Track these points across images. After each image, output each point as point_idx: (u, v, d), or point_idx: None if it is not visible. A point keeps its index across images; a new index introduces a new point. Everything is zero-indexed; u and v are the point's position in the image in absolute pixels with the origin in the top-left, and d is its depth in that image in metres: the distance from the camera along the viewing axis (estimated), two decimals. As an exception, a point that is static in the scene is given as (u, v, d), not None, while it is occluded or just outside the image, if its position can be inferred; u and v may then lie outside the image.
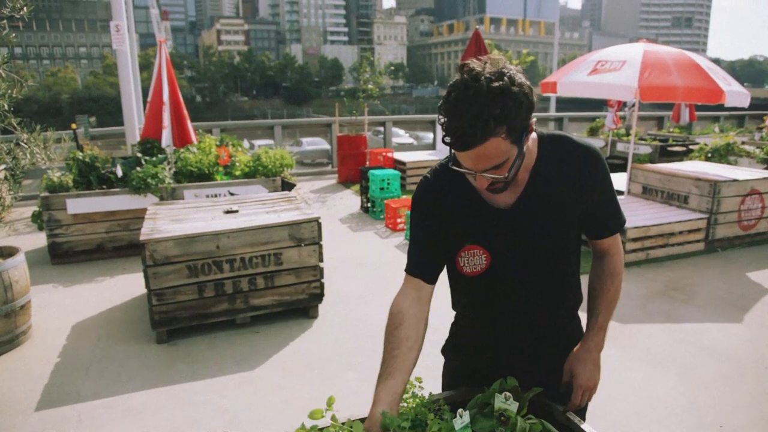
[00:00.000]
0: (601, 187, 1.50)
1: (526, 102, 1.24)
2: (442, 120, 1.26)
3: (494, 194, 1.43)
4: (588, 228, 1.57)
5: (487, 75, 1.22)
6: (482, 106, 1.19)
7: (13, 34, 3.73)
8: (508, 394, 1.40)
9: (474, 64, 1.26)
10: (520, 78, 1.25)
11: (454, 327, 1.74)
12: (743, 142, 9.31)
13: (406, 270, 1.57)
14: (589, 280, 1.62)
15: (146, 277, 3.91)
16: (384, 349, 1.50)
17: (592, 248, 1.63)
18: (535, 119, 1.32)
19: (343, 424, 1.38)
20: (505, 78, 1.22)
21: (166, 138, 6.81)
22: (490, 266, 1.49)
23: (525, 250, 1.48)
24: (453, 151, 1.32)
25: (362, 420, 1.39)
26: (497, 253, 1.48)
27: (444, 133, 1.27)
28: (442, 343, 1.79)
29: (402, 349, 1.48)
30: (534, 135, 1.44)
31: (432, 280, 1.56)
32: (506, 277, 1.51)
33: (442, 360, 1.80)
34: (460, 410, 1.36)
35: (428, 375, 1.69)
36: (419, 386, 1.51)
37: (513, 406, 1.38)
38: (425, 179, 1.56)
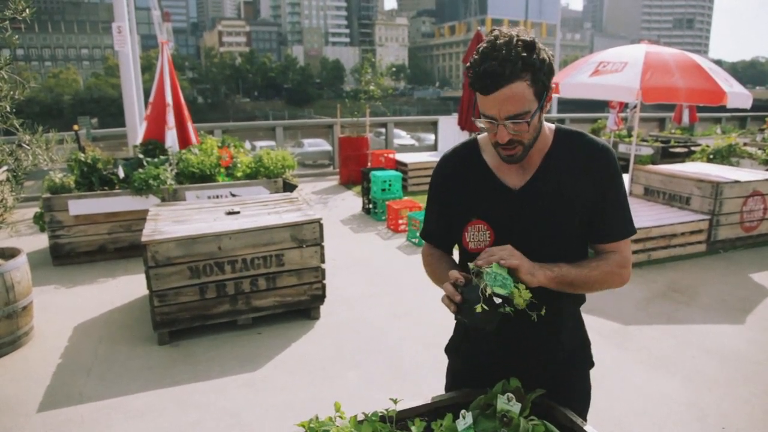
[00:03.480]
0: (611, 186, 1.51)
1: (548, 61, 1.36)
2: (470, 71, 1.36)
3: (509, 163, 1.47)
4: (592, 230, 1.54)
5: (515, 33, 1.36)
6: (510, 51, 1.31)
7: (16, 36, 3.73)
8: (510, 395, 1.39)
9: (502, 28, 1.40)
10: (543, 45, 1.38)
11: (458, 327, 1.74)
12: (745, 144, 9.29)
13: (421, 236, 1.76)
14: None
15: (148, 278, 3.91)
16: (432, 267, 1.67)
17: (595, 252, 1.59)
18: (553, 85, 1.41)
19: (360, 421, 1.38)
20: (531, 37, 1.36)
21: (172, 139, 6.81)
22: (494, 244, 1.51)
23: (529, 232, 1.49)
24: (478, 100, 1.39)
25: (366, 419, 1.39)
26: (501, 231, 1.51)
27: (471, 81, 1.36)
28: (446, 343, 1.79)
29: (444, 259, 1.67)
30: (551, 125, 1.53)
31: (444, 247, 1.70)
32: None
33: (446, 360, 1.80)
34: (462, 411, 1.36)
35: (432, 374, 1.69)
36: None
37: (515, 408, 1.38)
38: (445, 154, 1.66)
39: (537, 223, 1.49)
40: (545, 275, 1.40)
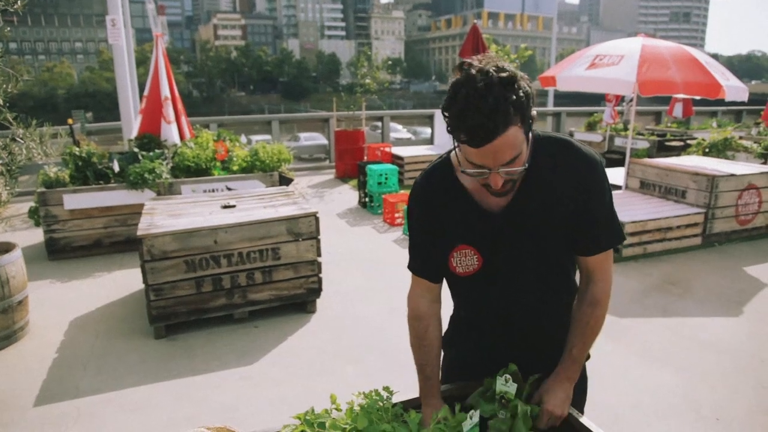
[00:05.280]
0: (597, 198, 1.44)
1: (529, 91, 1.25)
2: (451, 120, 1.23)
3: (499, 197, 1.40)
4: (578, 242, 1.49)
5: (492, 67, 1.21)
6: (498, 96, 1.18)
7: (8, 29, 3.71)
8: (508, 376, 1.41)
9: (472, 61, 1.25)
10: (519, 71, 1.26)
11: (453, 320, 1.74)
12: (741, 137, 9.31)
13: (411, 270, 1.61)
14: (573, 307, 1.56)
15: (144, 272, 3.90)
16: (419, 353, 1.62)
17: (579, 267, 1.56)
18: (535, 112, 1.30)
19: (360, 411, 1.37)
20: (508, 68, 1.22)
21: (173, 133, 6.75)
22: (482, 267, 1.49)
23: (516, 252, 1.47)
24: (464, 149, 1.27)
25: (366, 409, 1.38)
26: (488, 254, 1.48)
27: (456, 133, 1.24)
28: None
29: (434, 353, 1.61)
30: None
31: (438, 279, 1.60)
32: (498, 278, 1.51)
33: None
34: (471, 411, 1.37)
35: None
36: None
37: (512, 388, 1.40)
38: (418, 181, 1.57)
39: (523, 243, 1.46)
40: (572, 385, 1.52)
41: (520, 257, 1.48)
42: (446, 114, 1.24)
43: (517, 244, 1.46)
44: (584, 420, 1.44)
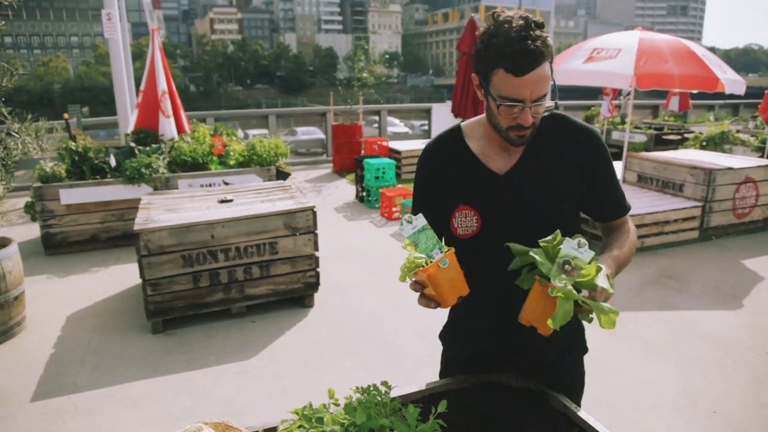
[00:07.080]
0: (602, 168, 1.52)
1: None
2: (493, 53, 1.30)
3: (519, 145, 1.44)
4: (593, 211, 1.59)
5: (521, 14, 1.35)
6: (535, 31, 1.30)
7: (3, 23, 3.68)
8: (582, 240, 1.25)
9: (503, 10, 1.37)
10: None
11: (451, 313, 1.73)
12: (738, 131, 9.33)
13: None
14: (602, 244, 1.57)
15: (141, 267, 3.89)
16: None
17: (600, 229, 1.64)
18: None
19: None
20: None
21: (171, 127, 6.73)
22: (481, 229, 1.51)
23: (515, 217, 1.49)
24: (501, 83, 1.32)
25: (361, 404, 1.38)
26: (488, 216, 1.50)
27: (500, 62, 1.30)
28: (440, 330, 1.79)
29: None
30: None
31: None
32: (496, 243, 1.50)
33: (440, 348, 1.79)
34: (408, 216, 1.31)
35: (426, 362, 1.69)
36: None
37: (585, 255, 1.23)
38: (429, 143, 1.64)
39: (523, 208, 1.49)
40: (611, 273, 1.39)
41: (519, 222, 1.49)
42: (485, 51, 1.33)
43: (516, 209, 1.49)
44: (582, 414, 1.44)
